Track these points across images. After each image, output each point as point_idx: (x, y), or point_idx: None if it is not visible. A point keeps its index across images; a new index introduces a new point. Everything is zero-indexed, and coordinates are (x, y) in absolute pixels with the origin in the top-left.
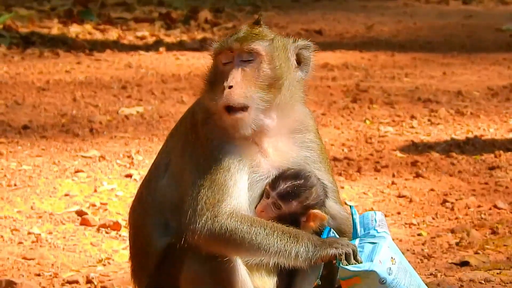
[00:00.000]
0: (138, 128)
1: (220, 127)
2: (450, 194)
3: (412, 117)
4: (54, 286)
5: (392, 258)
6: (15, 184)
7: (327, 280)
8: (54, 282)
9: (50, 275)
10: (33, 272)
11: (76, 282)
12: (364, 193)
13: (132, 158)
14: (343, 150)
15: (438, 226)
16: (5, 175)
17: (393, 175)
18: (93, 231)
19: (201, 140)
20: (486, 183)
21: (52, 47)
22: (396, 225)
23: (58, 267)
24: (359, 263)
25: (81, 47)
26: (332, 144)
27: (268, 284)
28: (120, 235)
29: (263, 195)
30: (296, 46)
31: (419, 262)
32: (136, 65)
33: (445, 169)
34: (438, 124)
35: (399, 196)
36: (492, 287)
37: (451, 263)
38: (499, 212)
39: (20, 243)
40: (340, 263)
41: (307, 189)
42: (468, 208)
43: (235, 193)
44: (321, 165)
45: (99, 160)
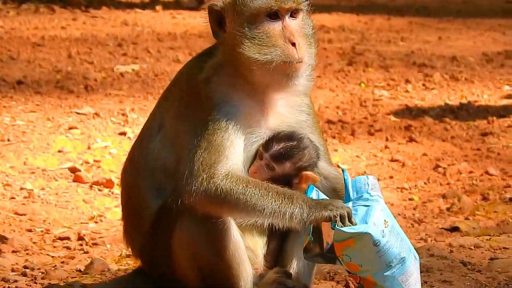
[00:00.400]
0: (133, 86)
1: (265, 79)
2: (443, 159)
3: (407, 81)
4: (45, 242)
5: (385, 221)
6: (8, 139)
7: (316, 234)
8: (45, 238)
9: (42, 231)
10: (24, 227)
11: (68, 238)
12: (357, 156)
13: (127, 116)
14: (337, 113)
15: (429, 191)
16: None
17: (386, 139)
18: (85, 188)
19: (200, 100)
20: (479, 149)
21: (48, 3)
22: (388, 189)
23: (50, 223)
24: (353, 225)
25: (77, 3)
26: (326, 107)
27: (260, 244)
28: (112, 193)
29: (256, 156)
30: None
31: (410, 227)
32: (132, 23)
33: (438, 134)
34: (432, 89)
35: (392, 160)
36: (482, 253)
37: (442, 228)
38: (490, 179)
39: (12, 198)
40: (335, 225)
41: (300, 150)
42: (460, 173)
43: (232, 154)
44: (313, 128)
45: (93, 117)
